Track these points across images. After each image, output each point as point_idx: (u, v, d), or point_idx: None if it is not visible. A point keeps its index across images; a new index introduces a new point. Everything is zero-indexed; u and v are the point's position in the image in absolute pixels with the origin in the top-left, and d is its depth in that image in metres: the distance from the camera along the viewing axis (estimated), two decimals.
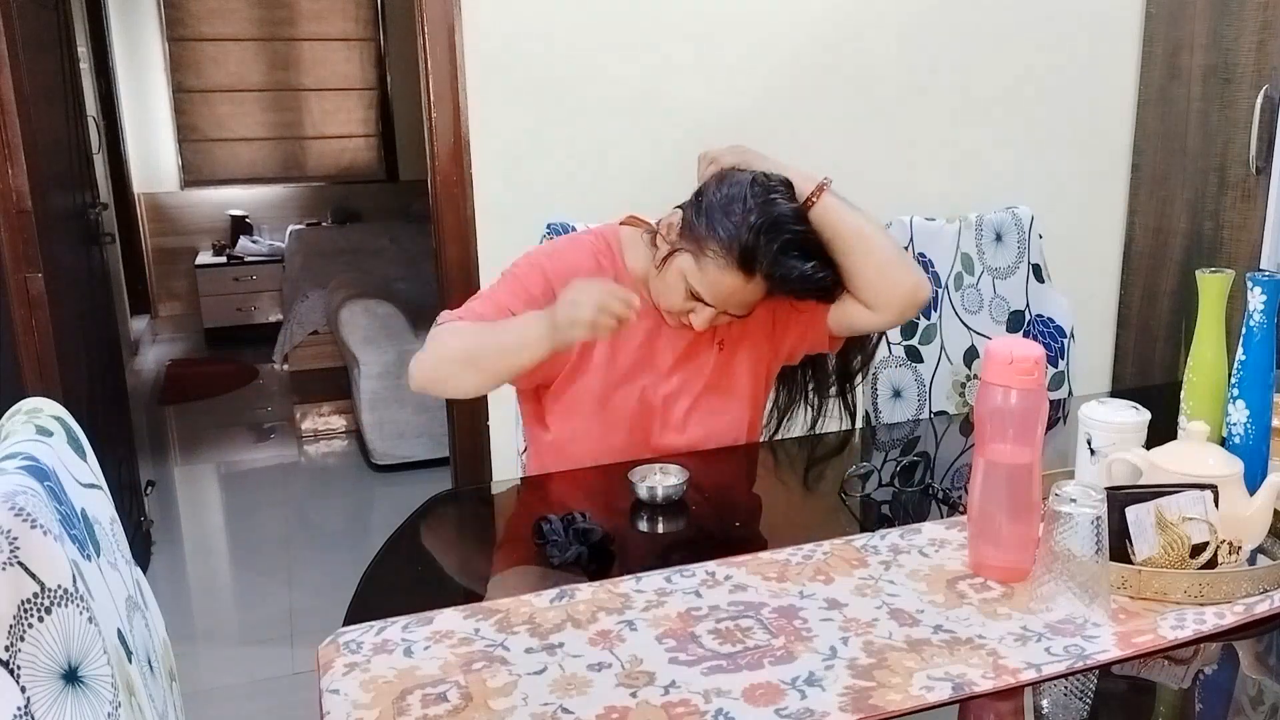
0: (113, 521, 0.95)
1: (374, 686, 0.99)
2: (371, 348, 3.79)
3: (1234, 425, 1.27)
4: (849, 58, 2.56)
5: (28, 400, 0.91)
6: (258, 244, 6.00)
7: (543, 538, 1.26)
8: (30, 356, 2.32)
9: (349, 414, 4.28)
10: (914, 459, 1.70)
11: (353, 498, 3.71)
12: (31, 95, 2.32)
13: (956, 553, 1.23)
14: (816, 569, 1.20)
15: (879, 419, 2.00)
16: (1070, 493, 1.07)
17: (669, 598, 1.14)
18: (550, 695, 0.96)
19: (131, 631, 0.87)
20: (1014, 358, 1.12)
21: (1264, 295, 1.23)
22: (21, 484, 0.73)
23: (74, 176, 2.86)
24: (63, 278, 2.52)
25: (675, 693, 0.96)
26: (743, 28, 2.47)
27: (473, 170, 2.31)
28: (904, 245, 2.01)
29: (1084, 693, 0.99)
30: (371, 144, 6.34)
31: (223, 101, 5.98)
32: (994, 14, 2.65)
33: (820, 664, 1.00)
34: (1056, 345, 2.17)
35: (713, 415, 1.59)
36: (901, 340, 2.02)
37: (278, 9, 5.92)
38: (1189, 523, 1.11)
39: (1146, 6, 2.74)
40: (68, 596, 0.72)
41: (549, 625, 1.09)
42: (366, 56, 6.19)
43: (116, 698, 0.75)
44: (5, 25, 2.20)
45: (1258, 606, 1.09)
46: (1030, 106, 2.74)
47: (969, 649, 1.03)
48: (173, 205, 6.03)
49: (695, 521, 1.39)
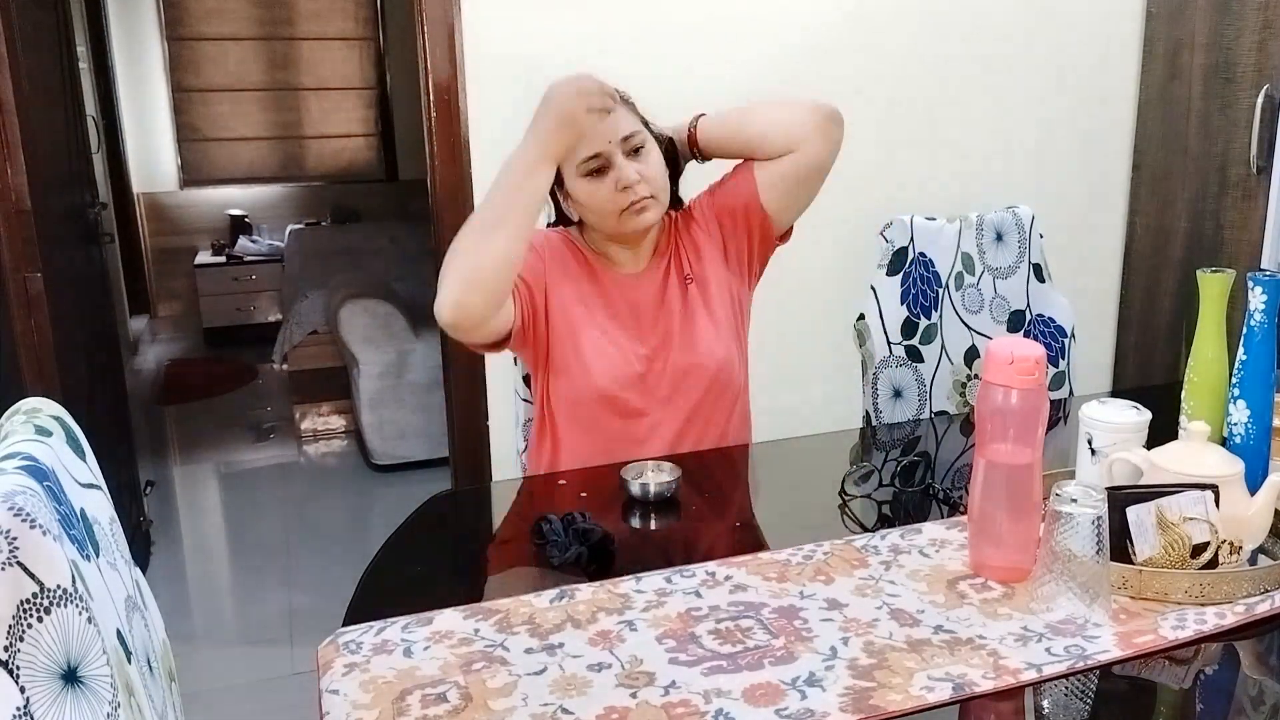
0: (112, 521, 0.94)
1: (374, 687, 0.98)
2: (371, 347, 3.79)
3: (1235, 425, 1.26)
4: (849, 58, 2.56)
5: (27, 400, 0.91)
6: (257, 244, 6.00)
7: (543, 538, 1.26)
8: (30, 356, 2.32)
9: (348, 414, 4.28)
10: (914, 459, 1.70)
11: (352, 498, 3.71)
12: (31, 95, 2.32)
13: (957, 553, 1.23)
14: (817, 569, 1.20)
15: (879, 419, 2.00)
16: (1071, 493, 1.06)
17: (669, 598, 1.14)
18: (550, 695, 0.96)
19: (131, 632, 0.87)
20: (1015, 357, 1.12)
21: (1265, 295, 1.23)
22: (21, 484, 0.72)
23: (73, 176, 2.86)
24: (62, 277, 2.52)
25: (675, 693, 0.96)
26: (743, 28, 2.46)
27: (472, 170, 2.31)
28: (904, 245, 2.01)
29: (1085, 693, 0.99)
30: (371, 144, 6.33)
31: (222, 101, 5.98)
32: (994, 14, 2.65)
33: (820, 664, 1.00)
34: (1057, 345, 2.17)
35: (713, 344, 1.60)
36: (902, 340, 2.02)
37: (277, 9, 5.92)
38: (1190, 523, 1.11)
39: (1147, 6, 2.74)
40: (67, 597, 0.71)
41: (549, 625, 1.08)
42: (366, 56, 6.19)
43: (116, 698, 0.75)
44: (5, 25, 2.20)
45: (1259, 607, 1.09)
46: (1031, 106, 2.74)
47: (969, 649, 1.03)
48: (172, 205, 6.03)
49: (690, 520, 1.39)
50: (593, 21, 2.34)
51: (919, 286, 2.03)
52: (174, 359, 5.41)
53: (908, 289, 2.02)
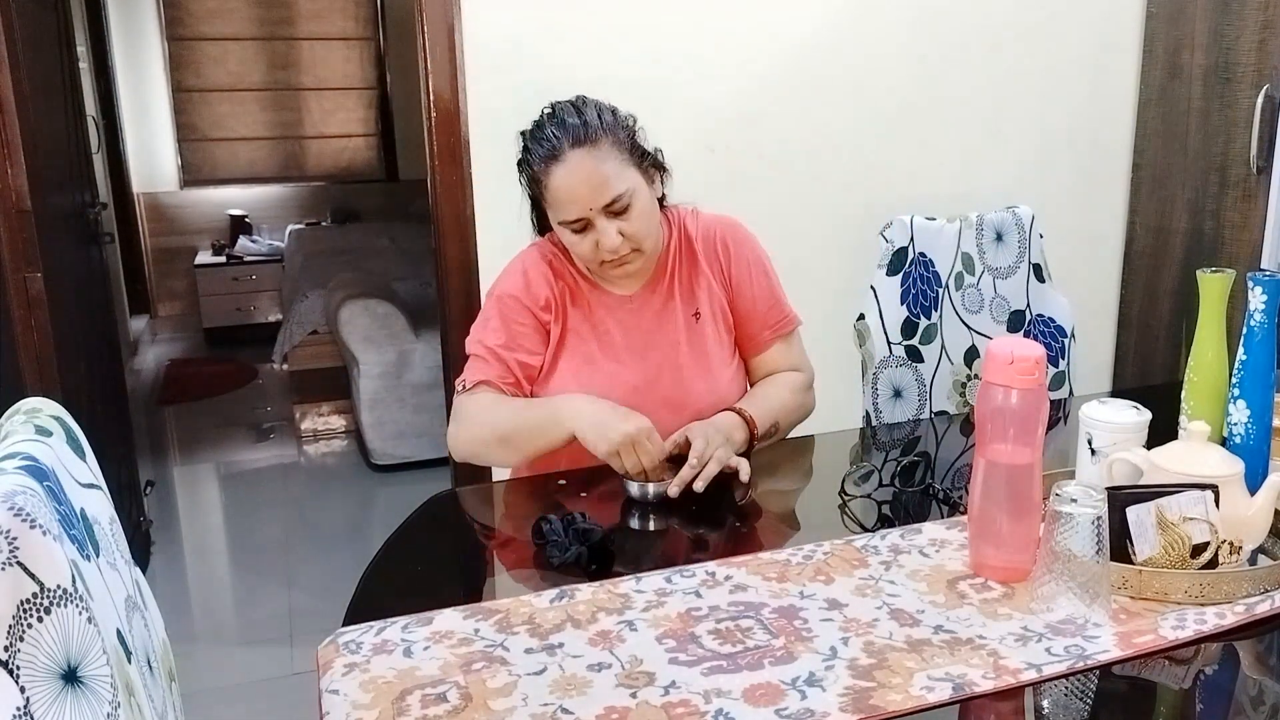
0: (112, 521, 0.94)
1: (374, 687, 0.98)
2: (371, 347, 3.79)
3: (1235, 425, 1.26)
4: (849, 58, 2.56)
5: (27, 400, 0.91)
6: (257, 244, 6.00)
7: (543, 538, 1.26)
8: (30, 356, 2.32)
9: (348, 414, 4.27)
10: (914, 459, 1.70)
11: (352, 498, 3.71)
12: (31, 95, 2.32)
13: (957, 553, 1.23)
14: (817, 569, 1.20)
15: (879, 419, 2.00)
16: (1071, 493, 1.06)
17: (669, 598, 1.14)
18: (550, 695, 0.96)
19: (131, 631, 0.87)
20: (1015, 357, 1.12)
21: (1265, 295, 1.23)
22: (21, 484, 0.72)
23: (73, 176, 2.86)
24: (62, 277, 2.52)
25: (675, 693, 0.96)
26: (743, 28, 2.46)
27: (472, 170, 2.31)
28: (904, 245, 2.00)
29: (1085, 693, 0.99)
30: (371, 144, 6.33)
31: (222, 101, 5.98)
32: (995, 14, 2.64)
33: (820, 664, 1.00)
34: (1057, 345, 2.17)
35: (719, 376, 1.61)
36: (902, 340, 2.02)
37: (277, 9, 5.92)
38: (1190, 523, 1.11)
39: (1147, 6, 2.74)
40: (67, 597, 0.71)
41: (549, 625, 1.08)
42: (366, 56, 6.19)
43: (116, 698, 0.75)
44: (5, 25, 2.20)
45: (1258, 607, 1.09)
46: (1031, 106, 2.74)
47: (969, 649, 1.03)
48: (172, 205, 6.03)
49: (689, 521, 1.39)
50: (593, 22, 2.34)
51: (919, 286, 2.03)
52: (174, 359, 5.41)
53: (908, 289, 2.02)
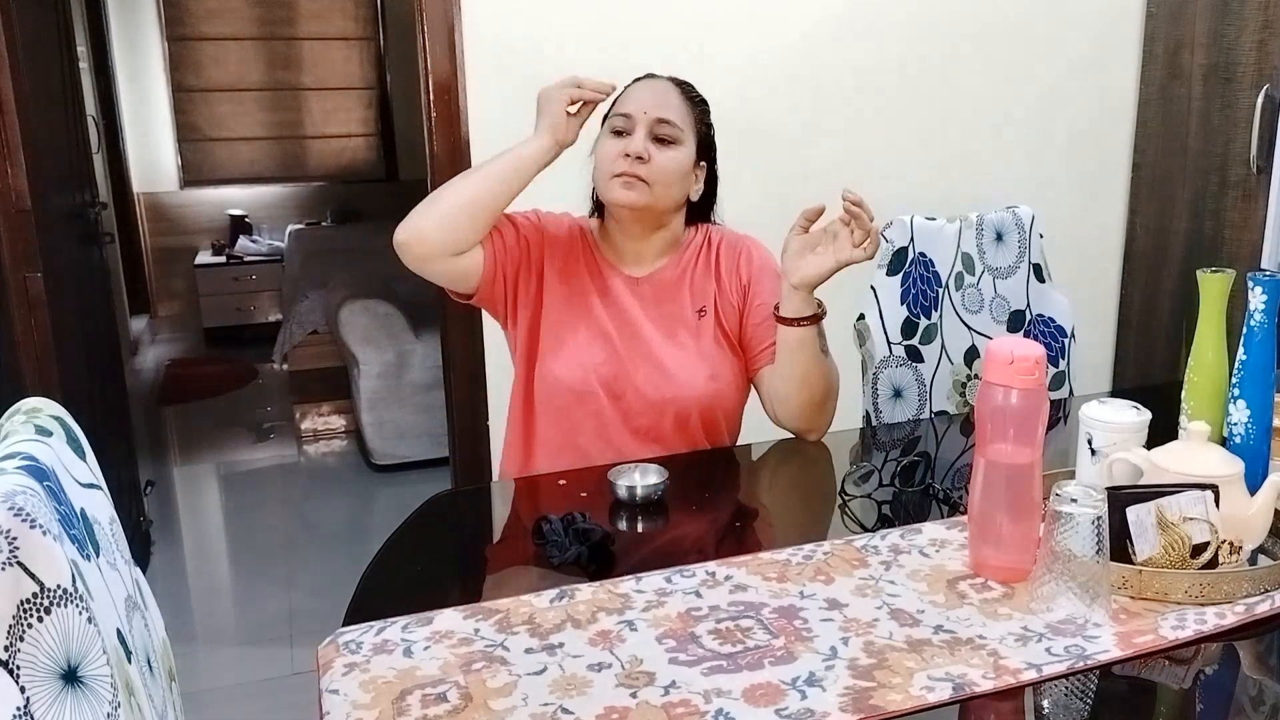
0: (112, 521, 0.94)
1: (374, 687, 0.98)
2: (371, 347, 3.79)
3: (1235, 425, 1.26)
4: (850, 58, 2.56)
5: (27, 400, 0.91)
6: (257, 244, 6.00)
7: (543, 538, 1.26)
8: (30, 356, 2.32)
9: (348, 414, 4.27)
10: (914, 459, 1.70)
11: (352, 498, 3.71)
12: (31, 95, 2.32)
13: (957, 553, 1.23)
14: (817, 569, 1.20)
15: (879, 419, 1.99)
16: (1071, 493, 1.06)
17: (669, 598, 1.14)
18: (550, 695, 0.96)
19: (131, 631, 0.87)
20: (1015, 357, 1.12)
21: (1265, 295, 1.23)
22: (21, 484, 0.72)
23: (73, 176, 2.86)
24: (62, 277, 2.52)
25: (675, 693, 0.96)
26: (744, 27, 2.46)
27: None
28: (904, 245, 2.00)
29: (1085, 693, 0.99)
30: (371, 144, 6.33)
31: (222, 101, 5.98)
32: (995, 14, 2.65)
33: (820, 664, 1.00)
34: (1057, 345, 2.17)
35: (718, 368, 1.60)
36: (902, 340, 2.02)
37: (277, 8, 5.92)
38: (1190, 523, 1.11)
39: (1147, 6, 2.74)
40: (67, 596, 0.71)
41: (549, 625, 1.08)
42: (366, 56, 6.19)
43: (116, 698, 0.75)
44: (5, 25, 2.20)
45: (1258, 607, 1.09)
46: (1031, 106, 2.74)
47: (969, 649, 1.03)
48: (172, 205, 6.03)
49: (687, 521, 1.39)
50: (593, 21, 2.34)
51: (919, 286, 2.03)
52: (174, 359, 5.41)
53: (908, 289, 2.02)
